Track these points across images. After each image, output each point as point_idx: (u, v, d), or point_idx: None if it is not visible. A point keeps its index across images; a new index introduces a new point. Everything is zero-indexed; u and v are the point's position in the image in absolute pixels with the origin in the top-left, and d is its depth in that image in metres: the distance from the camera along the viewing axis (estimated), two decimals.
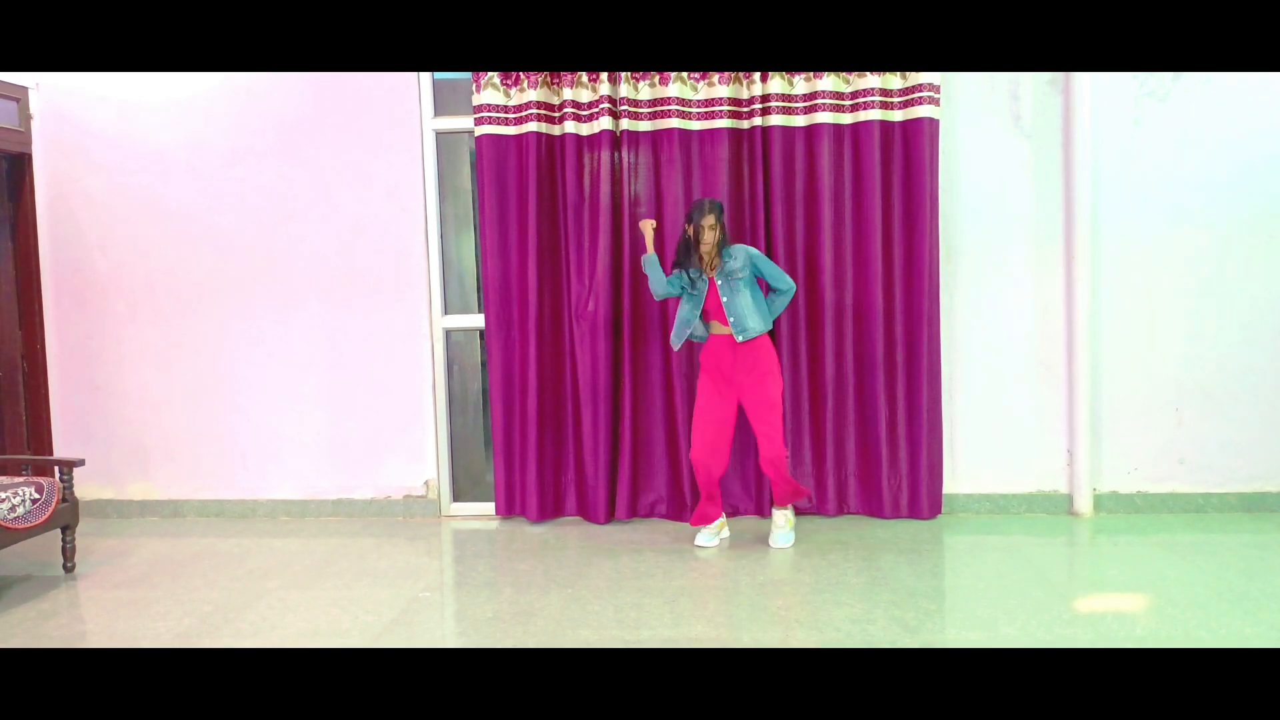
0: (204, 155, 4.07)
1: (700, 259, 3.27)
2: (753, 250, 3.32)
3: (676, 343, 3.38)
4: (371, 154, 3.97)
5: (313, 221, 4.03)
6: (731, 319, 3.25)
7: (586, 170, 3.76)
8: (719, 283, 3.26)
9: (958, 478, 3.83)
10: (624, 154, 3.72)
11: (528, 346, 3.82)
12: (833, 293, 3.71)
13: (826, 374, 3.75)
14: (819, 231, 3.70)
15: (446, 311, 4.05)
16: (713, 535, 3.47)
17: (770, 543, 3.41)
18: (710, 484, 3.36)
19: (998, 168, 3.75)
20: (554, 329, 3.85)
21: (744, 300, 3.26)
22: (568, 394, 3.86)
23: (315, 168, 4.01)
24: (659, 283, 3.39)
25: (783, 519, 3.42)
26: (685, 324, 3.33)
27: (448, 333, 4.07)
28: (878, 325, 3.70)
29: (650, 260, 3.41)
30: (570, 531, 3.75)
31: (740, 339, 3.25)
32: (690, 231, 3.26)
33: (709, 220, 3.23)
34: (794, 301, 3.68)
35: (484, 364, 4.12)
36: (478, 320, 4.02)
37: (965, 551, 3.40)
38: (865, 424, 3.76)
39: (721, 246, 3.26)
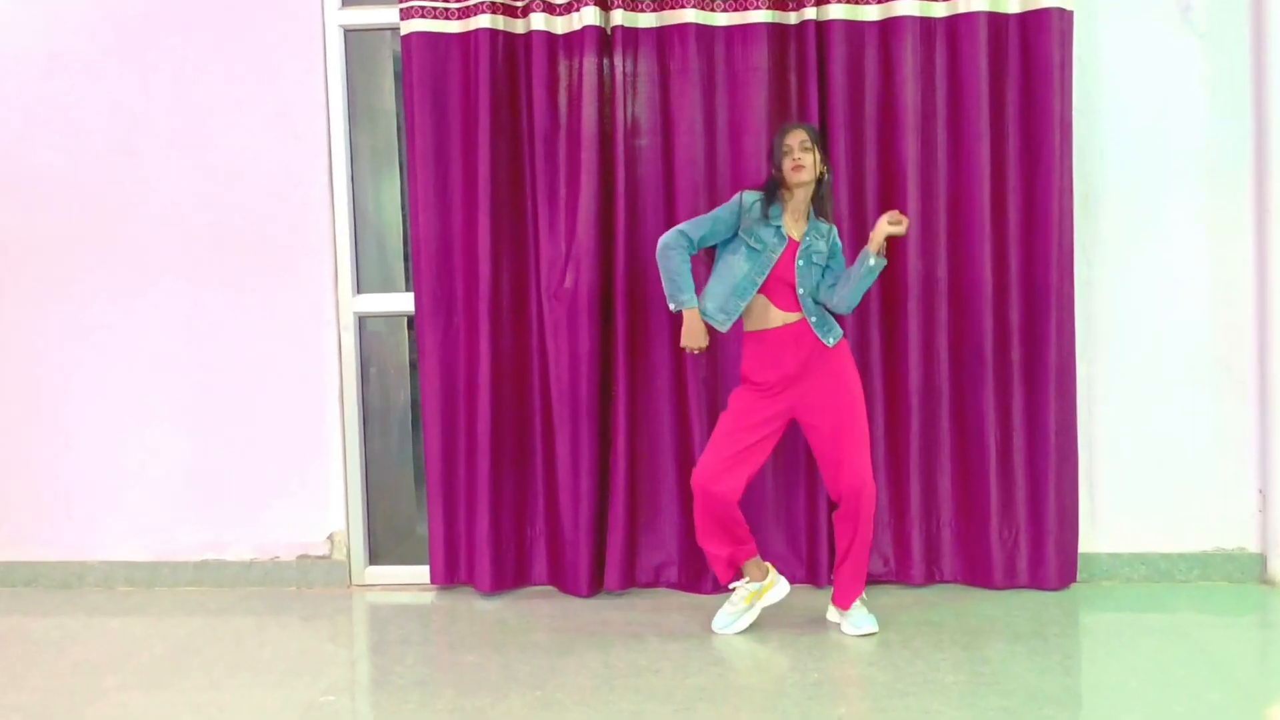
0: (4, 63, 4.06)
1: (788, 193, 3.28)
2: (838, 239, 3.41)
3: (724, 319, 3.32)
4: (250, 62, 3.98)
5: (167, 160, 4.04)
6: (813, 318, 3.31)
7: (563, 84, 3.77)
8: (800, 263, 3.29)
9: (1099, 530, 3.84)
10: (617, 60, 3.74)
11: (477, 339, 3.82)
12: (919, 262, 3.72)
13: (909, 380, 3.75)
14: (899, 173, 3.71)
15: (360, 289, 4.07)
16: (736, 612, 3.40)
17: (842, 627, 3.38)
18: (716, 511, 3.29)
19: (1157, 80, 3.76)
20: (516, 313, 3.87)
21: (814, 299, 3.33)
22: (535, 407, 3.87)
23: (170, 83, 4.01)
24: (687, 274, 3.33)
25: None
26: (739, 292, 3.29)
27: (361, 319, 4.09)
28: (984, 308, 3.70)
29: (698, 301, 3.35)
30: (539, 607, 3.76)
31: (831, 340, 3.31)
32: (775, 160, 3.29)
33: (798, 136, 3.26)
34: None
35: (414, 364, 4.13)
36: (405, 301, 4.02)
37: (1110, 637, 3.40)
38: (966, 453, 3.77)
39: (822, 189, 3.32)
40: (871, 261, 3.27)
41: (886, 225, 3.25)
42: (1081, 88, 3.71)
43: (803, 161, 3.24)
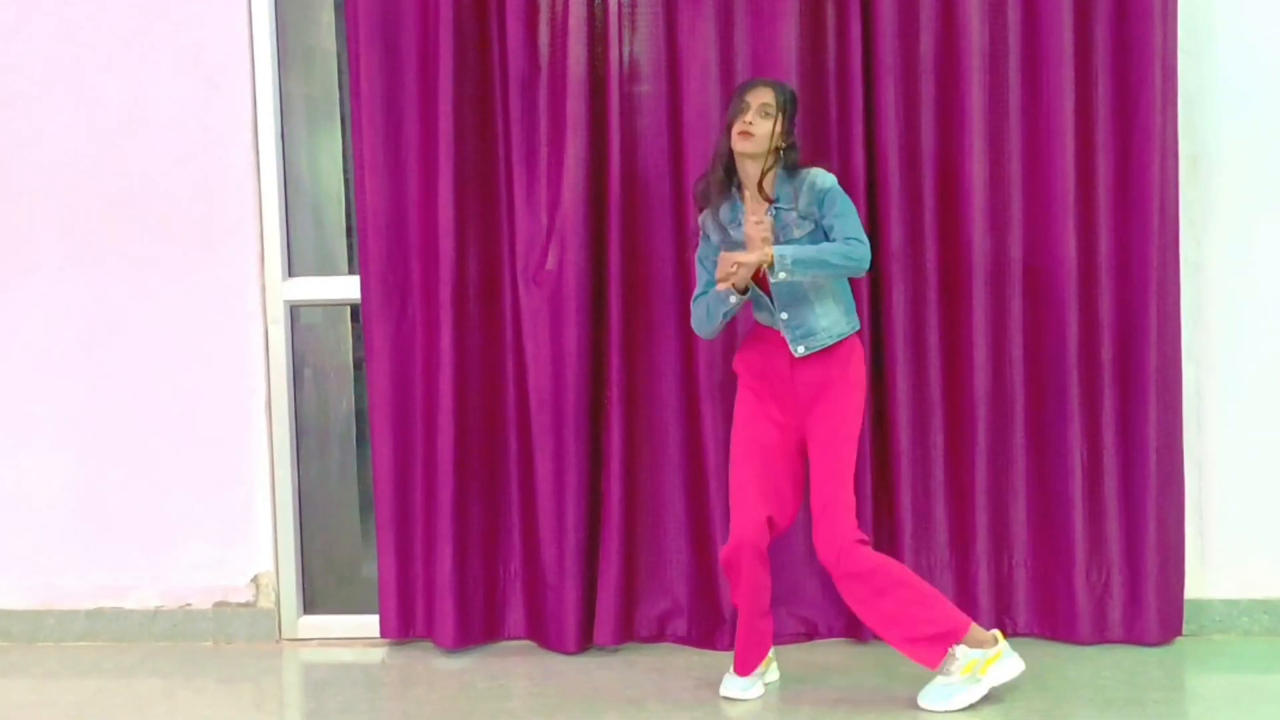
0: None
1: (733, 184, 3.33)
2: (823, 179, 3.31)
3: (707, 328, 3.41)
4: None
5: (52, 111, 4.04)
6: (784, 314, 3.28)
7: (544, 17, 3.79)
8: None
9: (1210, 573, 3.83)
10: None
11: (438, 333, 3.83)
12: (986, 238, 3.72)
13: (976, 385, 3.74)
14: (962, 129, 3.71)
15: (292, 272, 4.08)
16: (753, 681, 3.44)
17: (920, 700, 3.28)
18: (759, 588, 3.35)
19: None
20: (487, 303, 3.89)
21: (805, 281, 3.27)
22: (510, 418, 3.88)
23: (53, 15, 4.01)
24: (710, 308, 3.39)
25: (957, 660, 3.23)
26: (716, 299, 3.33)
27: (293, 309, 4.11)
28: (1068, 296, 3.71)
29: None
30: (515, 667, 3.75)
31: (801, 349, 3.28)
32: (728, 119, 3.29)
33: (759, 96, 3.25)
34: (919, 259, 3.72)
35: (361, 366, 4.11)
36: (349, 287, 4.01)
37: (1223, 702, 3.41)
38: (1045, 476, 3.78)
39: (783, 162, 3.29)
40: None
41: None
42: (1189, 21, 3.69)
43: (753, 129, 3.23)
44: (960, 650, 3.24)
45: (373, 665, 3.84)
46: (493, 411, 3.88)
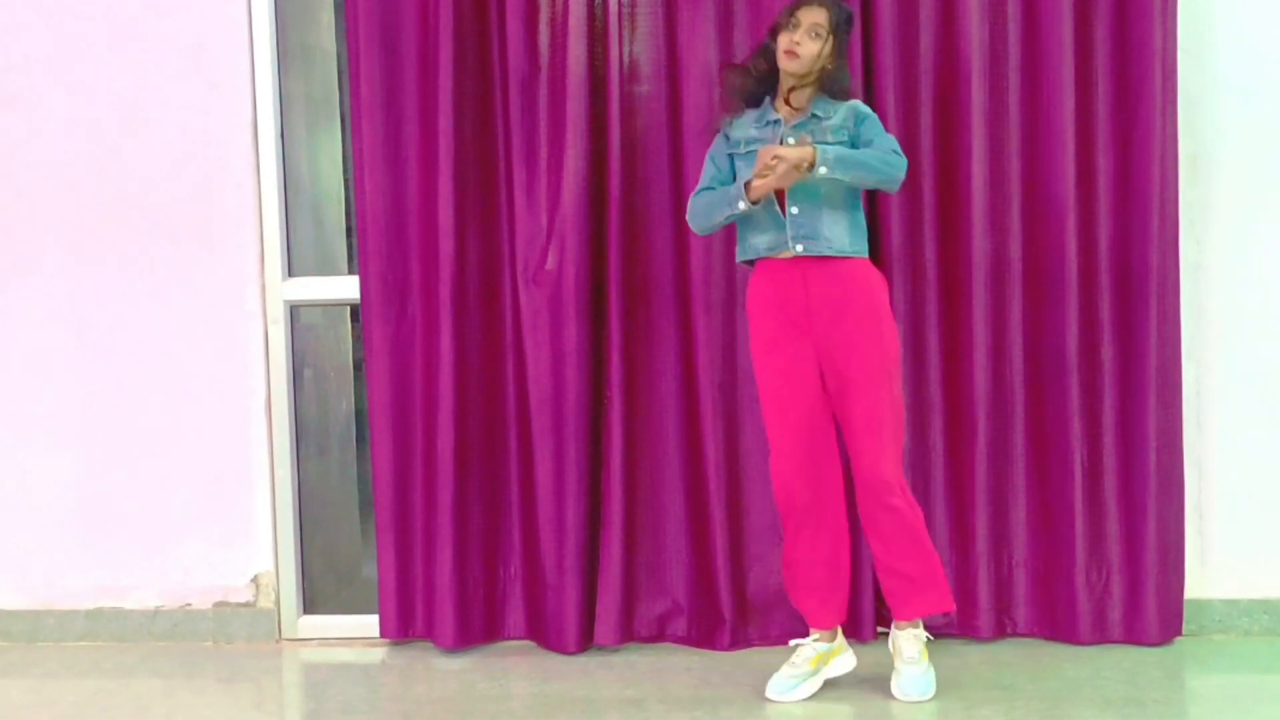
0: None
1: (778, 90, 3.28)
2: (862, 107, 3.33)
3: (704, 224, 3.39)
4: None
5: (49, 109, 4.05)
6: (794, 209, 3.25)
7: (544, 17, 3.79)
8: (790, 142, 3.25)
9: (1210, 573, 3.84)
10: None
11: (438, 333, 3.84)
12: (986, 238, 3.72)
13: (976, 383, 3.74)
14: (963, 130, 3.71)
15: (291, 272, 4.08)
16: (799, 676, 3.39)
17: (893, 689, 3.36)
18: (823, 532, 3.36)
19: None
20: (486, 303, 3.90)
21: (823, 186, 3.24)
22: (510, 418, 3.89)
23: (52, 12, 4.02)
24: (714, 205, 3.38)
25: (914, 646, 3.35)
26: (722, 200, 3.32)
27: (293, 309, 4.11)
28: (1068, 296, 3.71)
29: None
30: (515, 668, 3.76)
31: (798, 249, 3.25)
32: (771, 39, 3.27)
33: (812, 15, 3.20)
34: (918, 259, 3.73)
35: (360, 366, 4.11)
36: (348, 287, 4.02)
37: (1223, 702, 3.42)
38: (1045, 476, 3.78)
39: (826, 81, 3.25)
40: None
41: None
42: (1189, 19, 3.70)
43: (800, 49, 3.18)
44: (920, 632, 3.34)
45: (373, 665, 3.85)
46: (493, 411, 3.89)
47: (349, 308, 4.25)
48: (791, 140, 3.23)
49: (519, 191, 3.81)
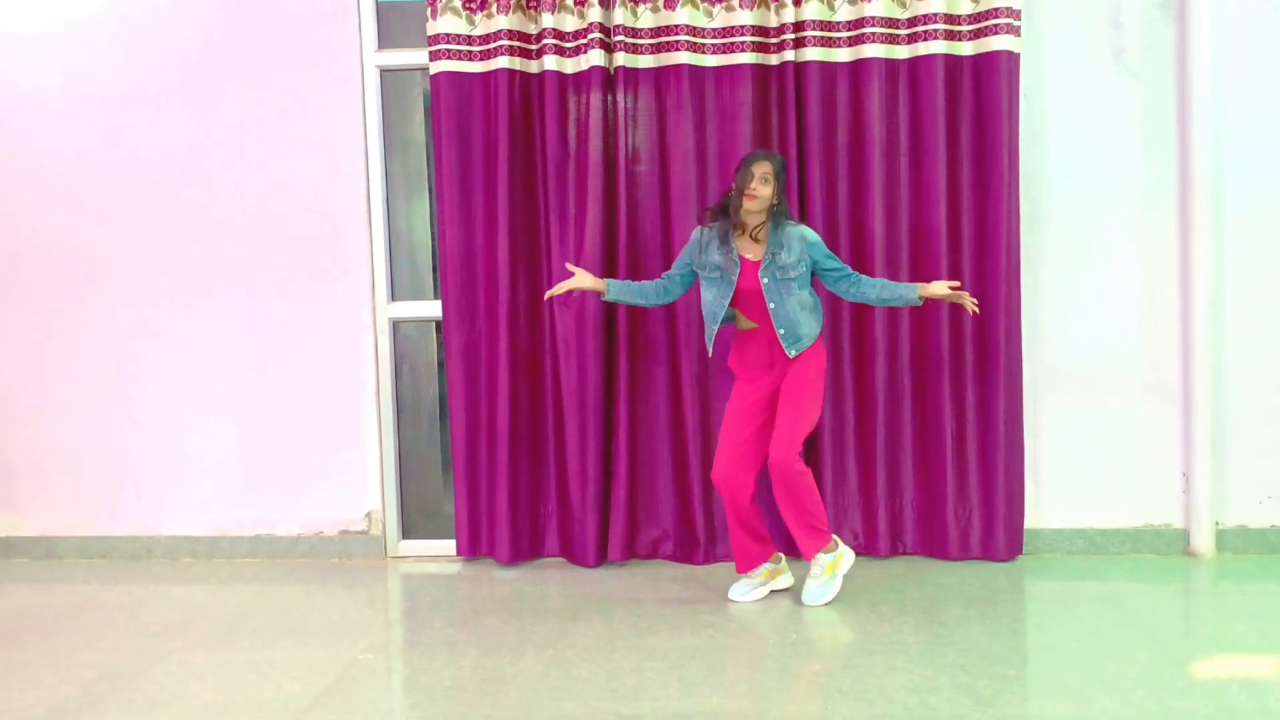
0: (86, 98, 4.07)
1: (740, 225, 3.22)
2: (810, 235, 3.27)
3: (711, 342, 3.32)
4: (298, 98, 4.00)
5: (224, 183, 4.06)
6: (781, 329, 3.22)
7: (572, 118, 3.79)
8: (764, 280, 3.21)
9: (1043, 509, 3.85)
10: (619, 97, 3.75)
11: (497, 342, 3.84)
12: (885, 273, 3.72)
13: (876, 376, 3.76)
14: (867, 197, 3.72)
15: (394, 297, 4.08)
16: (753, 585, 3.39)
17: (803, 597, 3.34)
18: (737, 510, 3.31)
19: (1094, 115, 3.76)
20: (531, 320, 3.88)
21: (794, 303, 3.23)
22: (548, 402, 3.89)
23: (227, 115, 4.03)
24: (640, 292, 3.38)
25: (817, 566, 3.30)
26: (711, 317, 3.30)
27: (395, 324, 4.11)
28: (942, 314, 3.72)
29: (613, 287, 3.38)
30: (551, 577, 3.77)
31: (794, 353, 3.24)
32: (736, 186, 3.20)
33: (761, 167, 3.16)
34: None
35: (442, 364, 4.13)
36: (433, 308, 4.03)
37: (1052, 602, 3.44)
38: (926, 440, 3.79)
39: (775, 216, 3.21)
40: (915, 296, 3.25)
41: (947, 289, 3.25)
42: (1028, 122, 3.73)
43: (756, 191, 3.16)
44: (822, 558, 3.27)
45: (451, 575, 3.86)
46: (535, 398, 3.88)
47: (434, 323, 4.16)
48: (766, 280, 3.18)
49: (555, 241, 3.80)
